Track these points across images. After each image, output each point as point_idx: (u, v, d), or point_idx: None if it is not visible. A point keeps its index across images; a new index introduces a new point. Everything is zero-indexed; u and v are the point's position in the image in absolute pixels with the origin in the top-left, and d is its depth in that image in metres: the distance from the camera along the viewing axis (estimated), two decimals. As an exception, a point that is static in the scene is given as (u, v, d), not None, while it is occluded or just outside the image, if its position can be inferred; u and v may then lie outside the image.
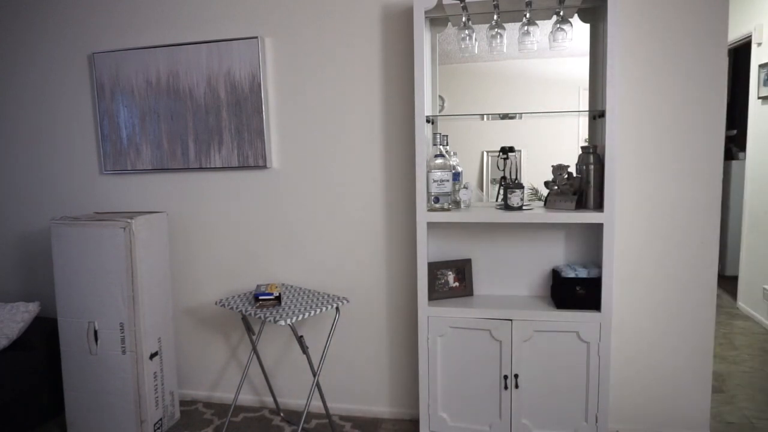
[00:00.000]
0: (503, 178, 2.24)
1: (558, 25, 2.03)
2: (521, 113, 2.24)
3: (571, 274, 2.09)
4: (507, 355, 2.09)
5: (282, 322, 1.99)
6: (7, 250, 2.99)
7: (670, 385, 2.26)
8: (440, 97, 2.33)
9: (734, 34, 3.84)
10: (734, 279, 4.13)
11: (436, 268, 2.26)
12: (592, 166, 2.04)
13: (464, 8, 2.04)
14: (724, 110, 2.12)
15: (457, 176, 2.21)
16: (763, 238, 3.64)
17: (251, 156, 2.52)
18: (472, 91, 2.32)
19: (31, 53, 2.80)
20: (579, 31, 2.09)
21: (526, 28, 2.07)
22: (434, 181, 2.12)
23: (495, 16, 2.06)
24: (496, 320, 2.09)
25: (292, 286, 2.51)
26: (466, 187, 2.20)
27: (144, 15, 2.62)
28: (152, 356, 2.39)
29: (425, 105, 2.12)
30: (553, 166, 2.12)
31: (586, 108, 2.17)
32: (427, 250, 2.16)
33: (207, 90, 2.54)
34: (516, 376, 2.10)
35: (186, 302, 2.75)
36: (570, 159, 2.13)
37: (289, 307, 2.15)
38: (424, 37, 2.09)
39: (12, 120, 2.88)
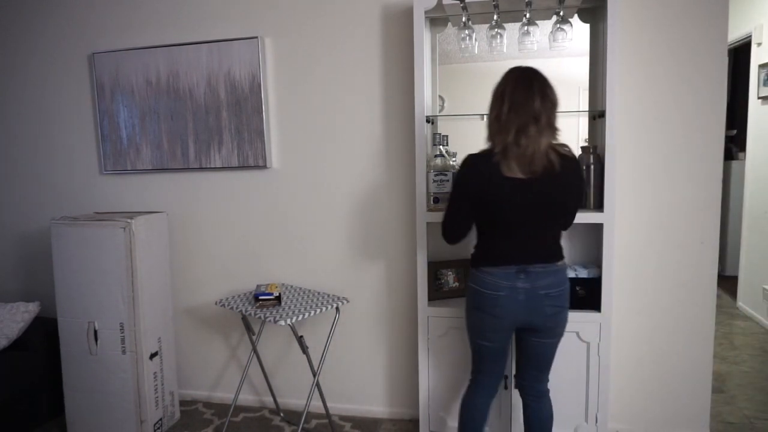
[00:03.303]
0: (503, 178, 2.24)
1: (558, 25, 2.03)
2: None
3: (571, 274, 2.08)
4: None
5: (282, 322, 1.99)
6: (7, 250, 2.99)
7: (670, 385, 2.26)
8: (440, 97, 2.33)
9: (734, 34, 3.83)
10: (734, 279, 4.12)
11: (436, 268, 2.26)
12: (592, 166, 2.04)
13: (464, 8, 2.04)
14: (724, 110, 2.12)
15: (457, 176, 2.21)
16: (763, 238, 3.64)
17: (251, 156, 2.52)
18: (472, 91, 2.32)
19: (31, 53, 2.80)
20: (579, 31, 2.09)
21: (526, 28, 2.07)
22: (434, 181, 2.12)
23: (495, 16, 2.06)
24: (496, 320, 2.08)
25: (292, 286, 2.51)
26: (466, 187, 2.20)
27: (144, 15, 2.62)
28: (152, 356, 2.39)
29: (425, 105, 2.12)
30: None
31: (586, 108, 2.17)
32: (427, 250, 2.16)
33: (207, 90, 2.54)
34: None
35: (186, 302, 2.74)
36: (570, 159, 2.13)
37: (289, 307, 2.15)
38: (424, 37, 2.09)
39: (12, 120, 2.88)
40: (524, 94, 1.58)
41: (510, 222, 1.66)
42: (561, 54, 2.13)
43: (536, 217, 1.65)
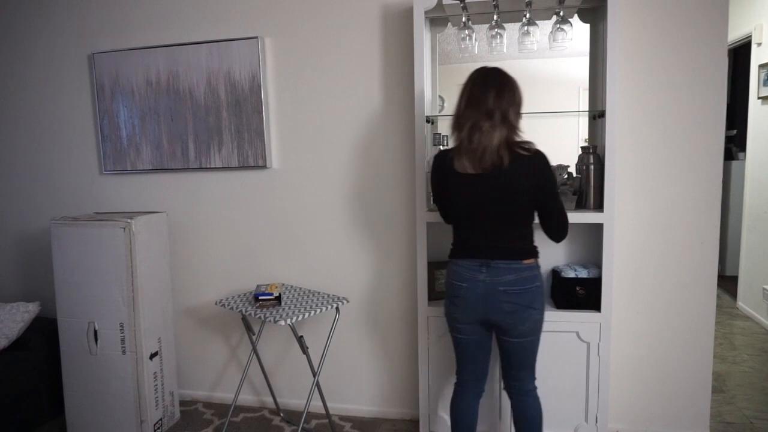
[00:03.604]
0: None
1: (558, 25, 2.03)
2: (521, 113, 2.23)
3: (571, 274, 2.09)
4: (507, 355, 2.09)
5: (282, 322, 1.99)
6: (7, 250, 2.99)
7: (670, 385, 2.26)
8: (440, 97, 2.32)
9: (734, 34, 3.84)
10: (734, 279, 4.13)
11: (435, 268, 2.25)
12: (592, 166, 2.04)
13: (464, 8, 2.04)
14: (724, 110, 2.12)
15: (457, 176, 2.21)
16: (763, 238, 3.64)
17: (251, 156, 2.52)
18: (472, 91, 2.32)
19: (31, 53, 2.80)
20: (579, 31, 2.09)
21: (526, 28, 2.07)
22: (434, 181, 2.12)
23: (495, 16, 2.06)
24: (496, 320, 2.08)
25: (292, 286, 2.51)
26: (466, 187, 2.20)
27: (144, 15, 2.62)
28: (152, 356, 2.39)
29: (425, 105, 2.12)
30: (552, 166, 2.11)
31: (586, 108, 2.17)
32: (426, 250, 2.15)
33: (207, 90, 2.54)
34: (516, 376, 2.09)
35: (186, 302, 2.75)
36: (570, 159, 2.13)
37: (289, 307, 2.15)
38: (424, 37, 2.09)
39: (12, 120, 2.88)
40: (479, 91, 1.63)
41: (467, 217, 1.73)
42: (561, 54, 2.13)
43: (490, 213, 1.68)
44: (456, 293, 1.76)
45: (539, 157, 1.66)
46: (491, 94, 1.61)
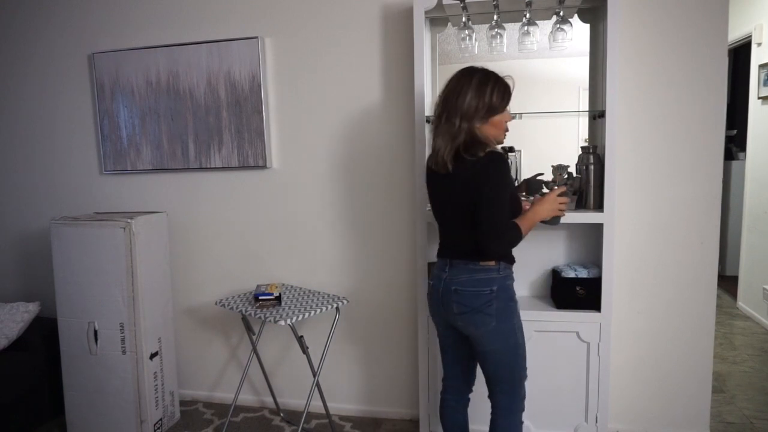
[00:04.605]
0: (503, 178, 2.23)
1: (558, 25, 2.03)
2: (521, 113, 2.23)
3: (571, 274, 2.09)
4: (507, 355, 2.08)
5: (282, 322, 1.99)
6: (7, 250, 2.99)
7: (670, 385, 2.26)
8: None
9: (734, 34, 3.83)
10: (734, 279, 4.12)
11: (436, 268, 2.25)
12: (592, 166, 2.04)
13: (464, 8, 2.04)
14: (724, 110, 2.12)
15: (457, 176, 2.21)
16: (763, 238, 3.64)
17: (251, 156, 2.52)
18: (472, 91, 2.31)
19: (31, 53, 2.80)
20: (579, 31, 2.09)
21: (526, 28, 2.06)
22: (434, 181, 2.12)
23: (495, 16, 2.06)
24: (496, 320, 2.08)
25: (292, 286, 2.51)
26: (466, 187, 2.19)
27: (144, 15, 2.62)
28: (152, 356, 2.39)
29: (425, 105, 2.12)
30: (553, 166, 2.11)
31: (586, 108, 2.17)
32: (426, 250, 2.15)
33: (207, 90, 2.54)
34: (516, 376, 2.09)
35: (186, 302, 2.74)
36: (570, 159, 2.13)
37: (289, 307, 2.15)
38: (424, 37, 2.09)
39: (12, 120, 2.88)
40: (444, 91, 1.64)
41: (436, 215, 1.76)
42: (561, 54, 2.13)
43: (446, 213, 1.70)
44: (428, 290, 1.81)
45: (484, 162, 1.55)
46: (451, 94, 1.60)
